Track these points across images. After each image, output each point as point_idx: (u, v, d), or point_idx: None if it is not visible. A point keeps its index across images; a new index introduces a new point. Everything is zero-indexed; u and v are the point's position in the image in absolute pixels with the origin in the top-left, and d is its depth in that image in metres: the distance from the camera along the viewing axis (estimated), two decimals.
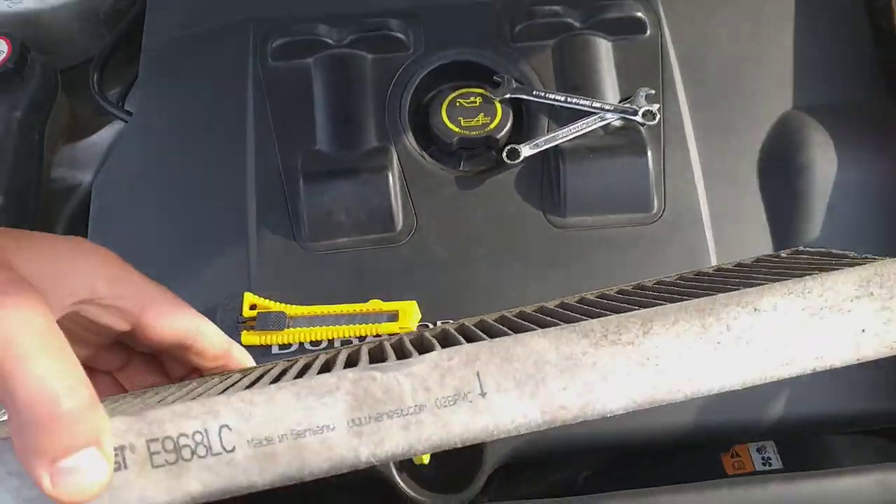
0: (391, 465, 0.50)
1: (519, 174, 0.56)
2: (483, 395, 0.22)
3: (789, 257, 0.33)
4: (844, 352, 0.23)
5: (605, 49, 0.59)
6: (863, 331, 0.23)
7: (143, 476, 0.21)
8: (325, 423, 0.21)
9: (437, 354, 0.22)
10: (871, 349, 0.23)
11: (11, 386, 0.20)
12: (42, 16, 0.65)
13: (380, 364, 0.22)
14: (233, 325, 0.51)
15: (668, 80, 0.58)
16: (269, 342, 0.51)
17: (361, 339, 0.51)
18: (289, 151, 0.56)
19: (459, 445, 0.22)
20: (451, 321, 0.39)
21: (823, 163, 0.55)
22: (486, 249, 0.54)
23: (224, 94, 0.59)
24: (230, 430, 0.21)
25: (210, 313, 0.50)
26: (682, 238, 0.54)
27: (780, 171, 0.56)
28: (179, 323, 0.28)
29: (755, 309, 0.23)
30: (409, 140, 0.57)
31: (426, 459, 0.49)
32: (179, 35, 0.61)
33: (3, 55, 0.60)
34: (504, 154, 0.55)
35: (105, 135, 0.65)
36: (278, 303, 0.51)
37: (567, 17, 0.59)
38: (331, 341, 0.52)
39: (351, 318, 0.51)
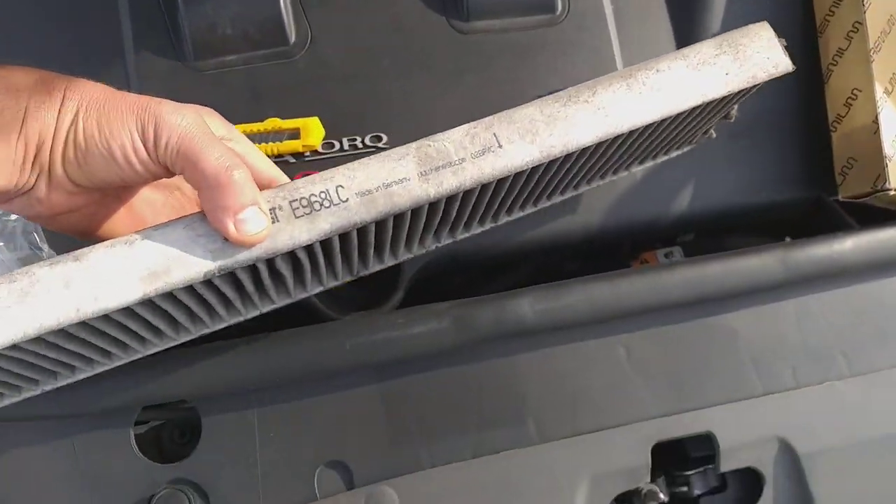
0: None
1: None
2: (500, 146, 0.33)
3: None
4: (719, 87, 0.35)
5: None
6: (727, 74, 0.36)
7: (290, 224, 0.32)
8: (403, 176, 0.32)
9: (468, 126, 0.33)
10: (735, 83, 0.36)
11: (201, 164, 0.31)
12: None
13: (431, 136, 0.33)
14: None
15: None
16: None
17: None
18: None
19: (492, 180, 0.33)
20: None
21: None
22: (390, 60, 0.51)
23: None
24: (343, 187, 0.32)
25: None
26: (587, 38, 0.53)
27: None
28: (272, 170, 0.37)
29: (657, 70, 0.35)
30: None
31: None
32: None
33: None
34: None
35: None
36: None
37: None
38: None
39: (248, 139, 0.48)
